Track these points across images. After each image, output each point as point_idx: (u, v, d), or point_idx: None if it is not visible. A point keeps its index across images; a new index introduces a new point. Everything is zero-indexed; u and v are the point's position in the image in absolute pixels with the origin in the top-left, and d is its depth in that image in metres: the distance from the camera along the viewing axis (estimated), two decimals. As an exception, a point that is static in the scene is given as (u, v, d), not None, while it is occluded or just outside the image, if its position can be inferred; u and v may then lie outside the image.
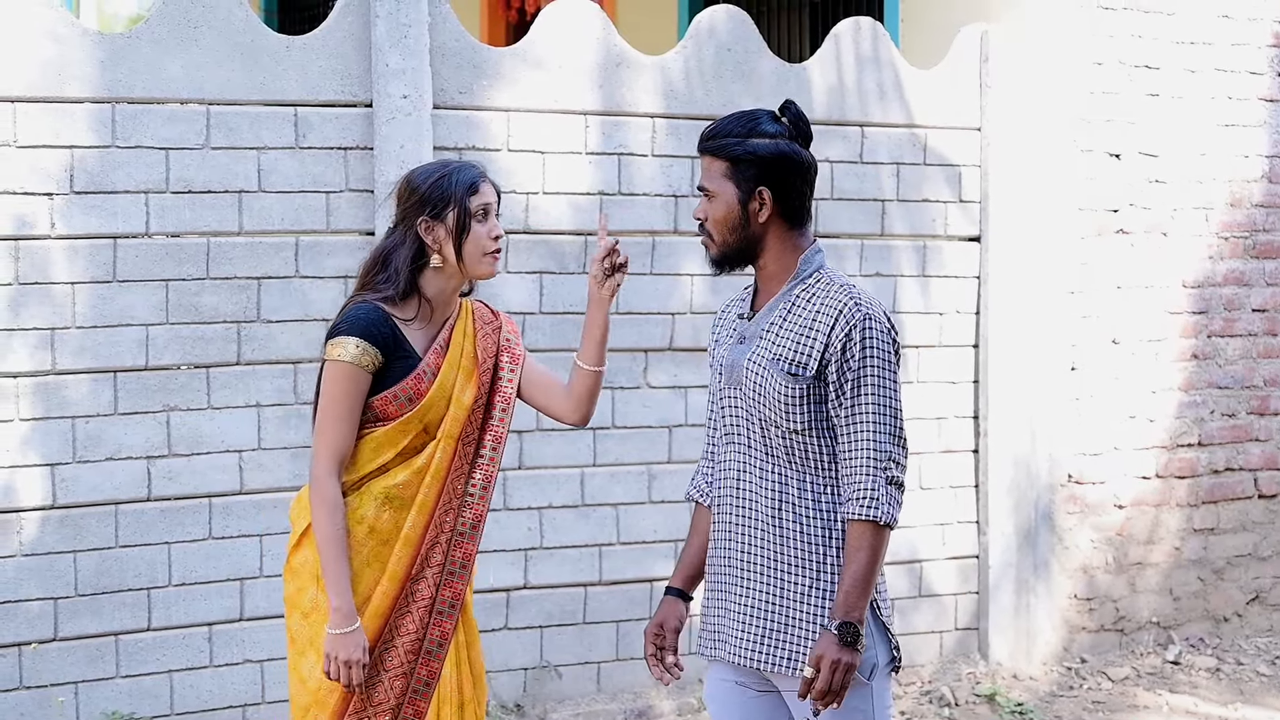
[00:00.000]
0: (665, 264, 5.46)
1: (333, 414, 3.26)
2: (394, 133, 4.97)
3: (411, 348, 3.31)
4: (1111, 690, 5.87)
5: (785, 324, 3.04)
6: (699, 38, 5.47)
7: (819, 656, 2.90)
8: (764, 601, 3.06)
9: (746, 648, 3.08)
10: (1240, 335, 6.42)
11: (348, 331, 3.26)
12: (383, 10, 4.94)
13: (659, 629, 3.22)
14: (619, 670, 5.47)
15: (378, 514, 3.28)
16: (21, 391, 4.65)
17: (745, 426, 3.10)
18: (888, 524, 2.94)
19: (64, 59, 4.63)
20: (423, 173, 3.38)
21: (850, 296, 3.00)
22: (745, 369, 3.07)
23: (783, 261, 3.08)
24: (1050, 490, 6.03)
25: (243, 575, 4.92)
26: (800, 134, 3.06)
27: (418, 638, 3.31)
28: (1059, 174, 5.97)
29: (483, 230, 3.31)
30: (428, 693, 3.33)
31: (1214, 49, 6.26)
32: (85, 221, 4.69)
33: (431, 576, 3.32)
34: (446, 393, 3.32)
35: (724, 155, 3.04)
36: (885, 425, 2.96)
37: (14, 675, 4.67)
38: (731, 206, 3.05)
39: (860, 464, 2.96)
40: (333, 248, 5.00)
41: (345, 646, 3.20)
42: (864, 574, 2.93)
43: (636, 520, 5.47)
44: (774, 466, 3.06)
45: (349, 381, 3.25)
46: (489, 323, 3.47)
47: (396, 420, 3.28)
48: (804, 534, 3.02)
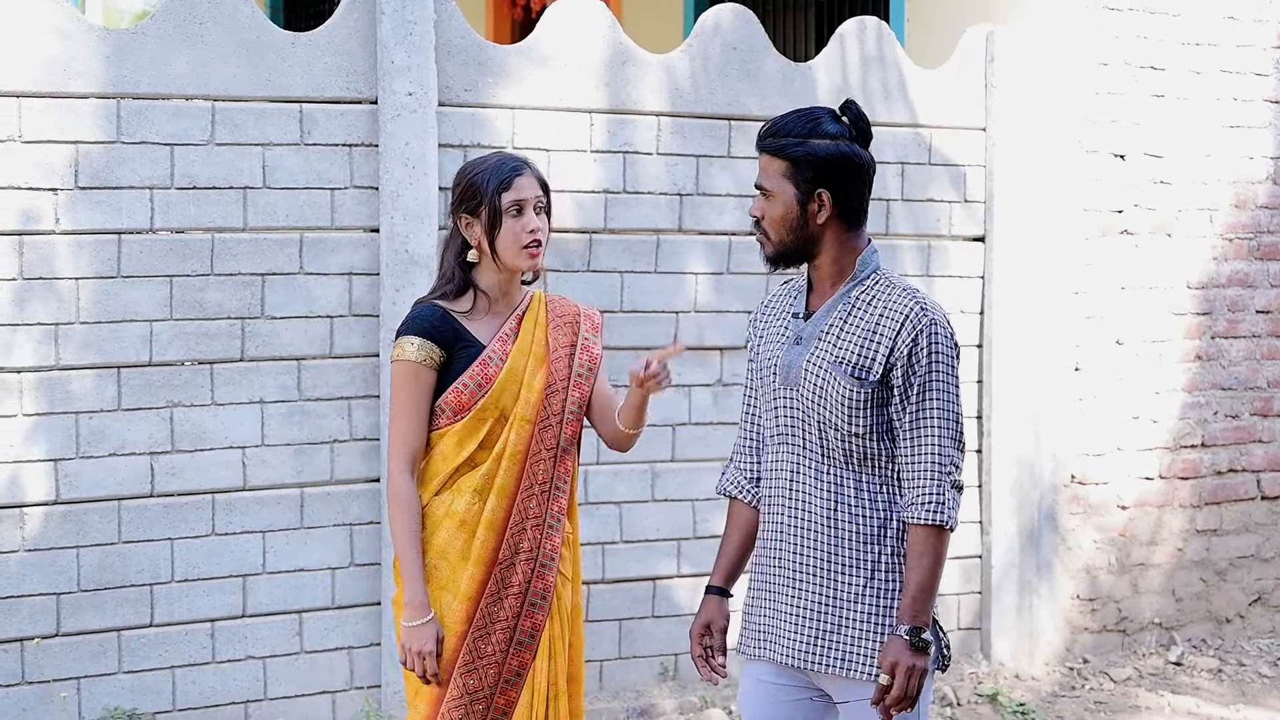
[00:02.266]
0: (670, 262, 5.46)
1: (400, 412, 3.34)
2: (399, 130, 4.97)
3: (474, 338, 3.36)
4: (1114, 691, 5.87)
5: (847, 326, 3.03)
6: (704, 36, 5.47)
7: (893, 663, 2.91)
8: (817, 603, 3.05)
9: (800, 649, 3.07)
10: (1244, 337, 6.42)
11: (406, 331, 3.35)
12: (388, 7, 4.94)
13: (705, 629, 3.22)
14: (621, 668, 5.47)
15: (468, 507, 3.34)
16: (25, 386, 4.65)
17: (801, 427, 3.09)
18: (951, 527, 2.97)
19: (69, 54, 4.64)
20: (468, 166, 3.43)
21: (915, 301, 3.00)
22: (804, 371, 3.06)
23: (840, 262, 3.08)
24: (1053, 490, 6.03)
25: (246, 572, 4.93)
26: (860, 134, 3.04)
27: (509, 627, 3.35)
28: (1064, 174, 5.96)
29: (516, 226, 3.33)
30: (519, 683, 3.36)
31: (1219, 50, 6.26)
32: (90, 217, 4.70)
33: (522, 564, 3.36)
34: (518, 378, 3.36)
35: (783, 155, 3.02)
36: (949, 430, 2.98)
37: (16, 670, 4.67)
38: (790, 207, 3.03)
39: (924, 468, 2.98)
40: (337, 244, 5.00)
41: (418, 638, 3.28)
42: (929, 578, 2.95)
43: (639, 519, 5.47)
44: (830, 468, 3.06)
45: (413, 379, 3.32)
46: (563, 315, 3.49)
47: (472, 410, 3.32)
48: (859, 535, 3.02)
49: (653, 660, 5.53)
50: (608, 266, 5.36)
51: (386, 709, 5.07)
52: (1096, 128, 6.02)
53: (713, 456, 5.54)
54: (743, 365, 5.58)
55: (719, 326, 5.54)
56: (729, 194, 5.52)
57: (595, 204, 5.34)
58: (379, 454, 5.03)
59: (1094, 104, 6.01)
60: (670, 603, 5.51)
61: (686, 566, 5.54)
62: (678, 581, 5.53)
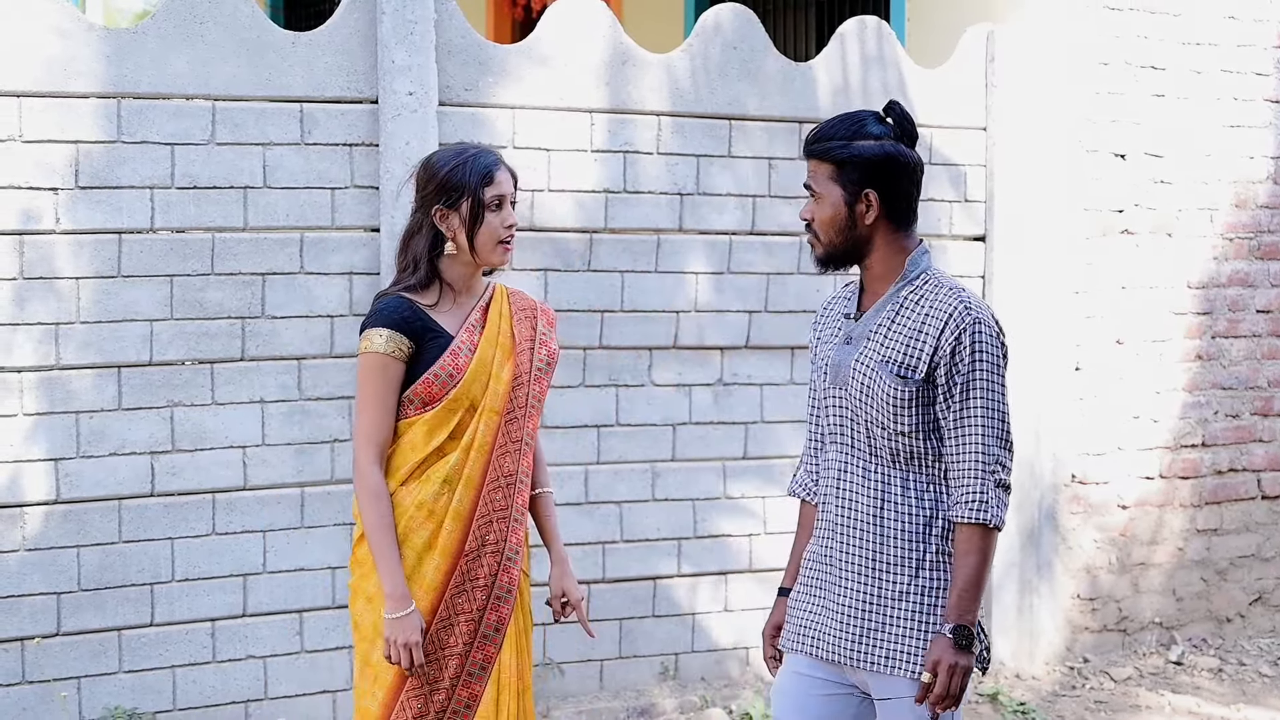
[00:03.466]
0: (670, 262, 5.46)
1: (368, 403, 3.33)
2: (399, 129, 4.97)
3: (441, 328, 3.36)
4: (1114, 690, 5.87)
5: (894, 326, 3.06)
6: (705, 36, 5.47)
7: (935, 661, 2.92)
8: (862, 600, 3.08)
9: (845, 645, 3.10)
10: (1244, 336, 6.42)
11: (375, 324, 3.33)
12: (389, 7, 4.94)
13: (776, 631, 3.28)
14: (622, 668, 5.47)
15: (436, 497, 3.34)
16: (26, 386, 4.65)
17: (850, 426, 3.12)
18: (996, 526, 2.98)
19: (70, 54, 4.64)
20: (440, 159, 3.41)
21: (960, 300, 3.02)
22: (852, 370, 3.09)
23: (889, 263, 3.10)
24: (1054, 490, 6.03)
25: (246, 571, 4.93)
26: (905, 134, 3.07)
27: (474, 619, 3.35)
28: (1064, 174, 5.96)
29: (496, 220, 3.35)
30: (483, 677, 3.37)
31: (1220, 50, 6.26)
32: (90, 216, 4.70)
33: (489, 557, 3.36)
34: (486, 368, 3.37)
35: (829, 158, 3.06)
36: (994, 429, 2.99)
37: (17, 670, 4.67)
38: (838, 208, 3.06)
39: (970, 467, 2.99)
40: (337, 244, 5.00)
41: (402, 629, 3.27)
42: (975, 577, 2.96)
43: (640, 518, 5.47)
44: (877, 467, 3.08)
45: (381, 371, 3.31)
46: (524, 308, 3.50)
47: (443, 400, 3.33)
48: (904, 534, 3.04)
49: (653, 660, 5.53)
50: (608, 266, 5.36)
51: (387, 708, 5.07)
52: (1097, 127, 6.02)
53: (713, 456, 5.55)
54: (743, 366, 5.58)
55: (719, 326, 5.54)
56: (729, 194, 5.52)
57: (595, 204, 5.34)
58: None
59: (1094, 103, 6.01)
60: (670, 602, 5.51)
61: (687, 566, 5.54)
62: (678, 581, 5.53)
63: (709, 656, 5.62)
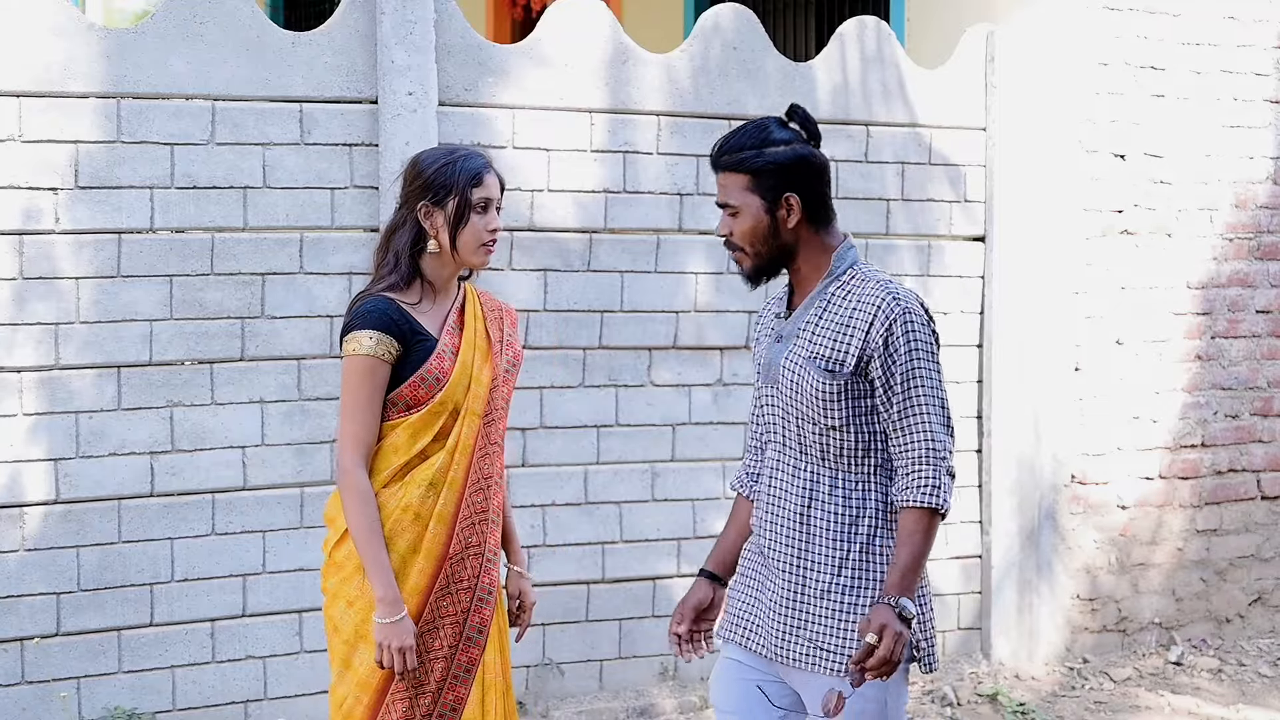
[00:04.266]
0: (670, 262, 5.46)
1: (355, 406, 3.30)
2: (399, 129, 4.97)
3: (426, 330, 3.35)
4: (1114, 691, 5.87)
5: (821, 322, 3.07)
6: (705, 36, 5.47)
7: (881, 625, 2.90)
8: (787, 596, 3.10)
9: (771, 639, 3.13)
10: (1244, 336, 6.42)
11: (361, 326, 3.30)
12: (388, 7, 4.94)
13: (694, 608, 3.29)
14: (621, 668, 5.47)
15: (422, 500, 3.33)
16: (25, 386, 4.65)
17: (781, 424, 3.14)
18: (944, 512, 3.00)
19: (69, 54, 4.64)
20: (429, 157, 3.40)
21: (887, 291, 3.02)
22: (782, 367, 3.11)
23: (816, 262, 3.11)
24: (1053, 490, 6.03)
25: (246, 571, 4.93)
26: (811, 135, 3.09)
27: (459, 622, 3.35)
28: (1064, 174, 5.96)
29: (480, 223, 3.35)
30: (468, 679, 3.37)
31: (1220, 50, 6.26)
32: (90, 216, 4.70)
33: (471, 559, 3.37)
34: (468, 371, 3.37)
35: (743, 169, 3.05)
36: (938, 416, 3.01)
37: (16, 670, 4.67)
38: (759, 218, 3.06)
39: (920, 454, 3.00)
40: (337, 244, 5.00)
41: (396, 634, 3.25)
42: (918, 557, 2.98)
43: (640, 519, 5.47)
44: (807, 464, 3.10)
45: (369, 374, 3.29)
46: (493, 309, 3.52)
47: (428, 403, 3.32)
48: (829, 532, 3.06)
49: (652, 660, 5.53)
50: (608, 266, 5.36)
51: (386, 709, 5.07)
52: (1096, 127, 6.02)
53: (712, 456, 5.54)
54: (742, 365, 5.58)
55: (719, 326, 5.54)
56: (729, 194, 5.51)
57: (595, 204, 5.34)
58: (379, 454, 5.02)
59: (1094, 104, 6.01)
60: (670, 602, 5.51)
61: (686, 566, 5.53)
62: (677, 581, 5.53)
63: (708, 657, 5.61)
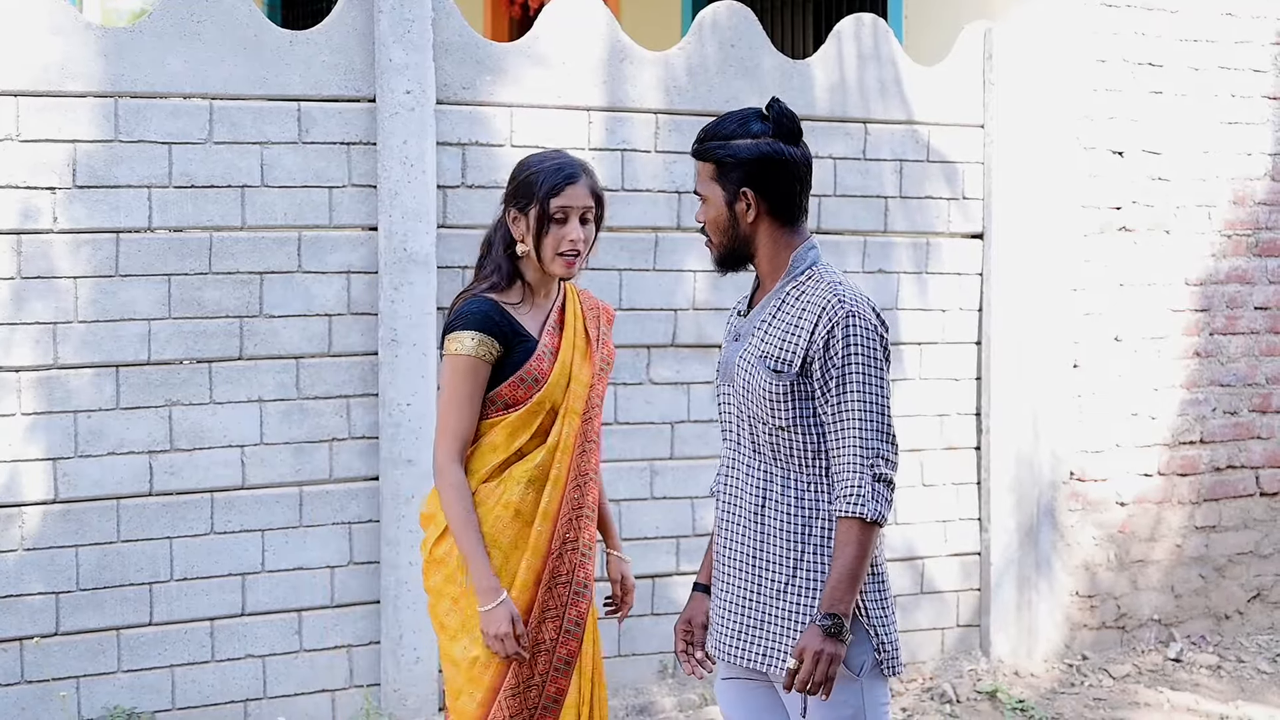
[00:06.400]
0: (668, 260, 5.46)
1: (454, 404, 3.36)
2: (397, 128, 4.97)
3: (527, 331, 3.41)
4: (1113, 687, 5.87)
5: (774, 322, 3.07)
6: (702, 34, 5.47)
7: (803, 648, 2.92)
8: (743, 597, 3.10)
9: (728, 642, 3.14)
10: (1243, 333, 6.42)
11: (464, 326, 3.36)
12: (386, 5, 4.94)
13: (687, 624, 3.29)
14: (621, 666, 5.47)
15: (522, 497, 3.38)
16: (24, 385, 4.65)
17: (736, 422, 3.15)
18: (875, 521, 2.94)
19: (67, 53, 4.63)
20: (527, 161, 3.47)
21: (835, 293, 3.01)
22: (736, 366, 3.12)
23: (775, 260, 3.11)
24: (1052, 487, 6.03)
25: (245, 570, 4.93)
26: (782, 131, 3.06)
27: (559, 615, 3.42)
28: (1062, 171, 5.96)
29: (558, 233, 3.39)
30: (568, 671, 3.44)
31: (1217, 46, 6.26)
32: (88, 216, 4.69)
33: (570, 554, 3.44)
34: (567, 371, 3.42)
35: (709, 158, 3.10)
36: (871, 422, 2.96)
37: (15, 670, 4.67)
38: (720, 209, 3.10)
39: (849, 461, 2.96)
40: (335, 243, 5.00)
41: (496, 621, 3.31)
42: (850, 569, 2.93)
43: (639, 517, 5.47)
44: (760, 464, 3.10)
45: (470, 373, 3.35)
46: (591, 309, 3.57)
47: (527, 403, 3.37)
48: (783, 532, 3.05)
49: (652, 658, 5.53)
50: (606, 264, 5.36)
51: (386, 707, 5.07)
52: (1095, 124, 6.02)
53: (711, 454, 5.54)
54: (741, 363, 5.58)
55: (718, 324, 5.54)
56: (727, 191, 5.51)
57: (593, 202, 5.33)
58: (378, 453, 5.03)
59: (1092, 101, 6.01)
60: (669, 600, 5.51)
61: (686, 564, 5.54)
62: (677, 579, 5.53)
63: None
